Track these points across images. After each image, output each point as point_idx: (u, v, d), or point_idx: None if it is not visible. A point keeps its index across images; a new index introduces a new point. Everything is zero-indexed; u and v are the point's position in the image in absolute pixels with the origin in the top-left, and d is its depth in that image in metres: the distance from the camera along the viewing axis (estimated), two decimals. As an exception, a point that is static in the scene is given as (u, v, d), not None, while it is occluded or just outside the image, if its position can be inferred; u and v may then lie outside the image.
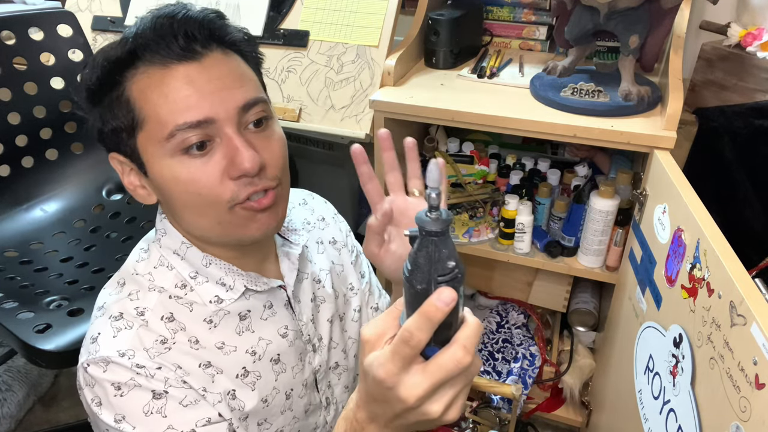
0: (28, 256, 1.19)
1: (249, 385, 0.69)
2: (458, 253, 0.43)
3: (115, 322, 0.63)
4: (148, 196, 0.65)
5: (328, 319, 0.81)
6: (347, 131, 1.26)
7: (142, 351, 0.62)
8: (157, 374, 0.62)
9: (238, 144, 0.59)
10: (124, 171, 0.65)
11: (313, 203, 0.88)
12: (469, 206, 1.35)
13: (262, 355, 0.71)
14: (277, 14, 1.37)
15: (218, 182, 0.59)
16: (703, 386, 0.71)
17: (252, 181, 0.60)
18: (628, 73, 1.08)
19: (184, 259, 0.67)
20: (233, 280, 0.68)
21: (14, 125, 1.26)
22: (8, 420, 1.50)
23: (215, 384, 0.67)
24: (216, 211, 0.61)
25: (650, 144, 1.00)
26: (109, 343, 0.62)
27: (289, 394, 0.74)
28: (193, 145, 0.58)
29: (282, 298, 0.73)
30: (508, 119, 1.08)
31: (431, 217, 0.40)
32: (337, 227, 0.88)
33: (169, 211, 0.66)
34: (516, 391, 1.08)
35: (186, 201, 0.61)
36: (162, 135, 0.58)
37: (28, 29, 1.27)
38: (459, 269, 0.42)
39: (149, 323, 0.64)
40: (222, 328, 0.68)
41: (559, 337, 1.55)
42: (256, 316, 0.71)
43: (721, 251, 0.70)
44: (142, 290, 0.66)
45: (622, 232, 1.16)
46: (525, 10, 1.38)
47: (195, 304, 0.67)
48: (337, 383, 0.83)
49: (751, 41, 1.18)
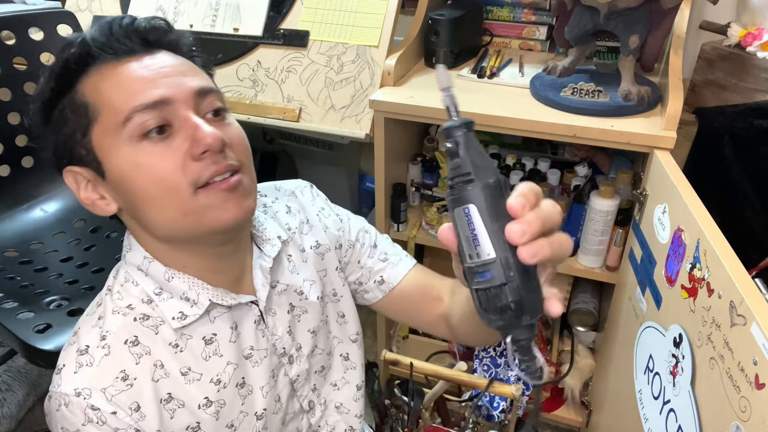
0: (28, 256, 1.19)
1: (213, 415, 0.67)
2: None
3: (80, 356, 0.62)
4: (107, 206, 0.63)
5: (310, 330, 0.77)
6: (347, 131, 1.26)
7: (99, 392, 0.60)
8: (109, 421, 0.60)
9: (197, 122, 0.58)
10: (80, 185, 0.63)
11: (300, 202, 0.81)
12: (469, 206, 1.35)
13: (227, 382, 0.68)
14: (277, 14, 1.37)
15: (181, 165, 0.57)
16: (703, 386, 0.71)
17: (216, 159, 0.58)
18: (628, 73, 1.08)
19: (148, 275, 0.65)
20: (197, 294, 0.65)
21: (14, 125, 1.26)
22: (8, 420, 1.50)
23: (174, 420, 0.65)
24: (180, 200, 0.58)
25: (650, 144, 1.00)
26: (70, 379, 0.61)
27: (260, 415, 0.72)
28: (152, 129, 0.57)
29: (252, 315, 0.70)
30: (508, 119, 1.08)
31: (458, 115, 0.44)
32: (323, 226, 0.81)
33: (133, 215, 0.63)
34: (516, 391, 1.08)
35: (148, 192, 0.58)
36: (118, 120, 0.57)
37: (28, 29, 1.27)
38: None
39: (112, 350, 0.62)
40: (188, 353, 0.66)
41: (559, 337, 1.55)
42: (223, 340, 0.68)
43: (721, 251, 0.70)
44: (107, 313, 0.64)
45: (622, 232, 1.16)
46: (525, 10, 1.38)
47: (160, 326, 0.65)
48: (324, 383, 0.81)
49: (751, 41, 1.18)
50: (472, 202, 0.42)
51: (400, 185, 1.35)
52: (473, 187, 0.42)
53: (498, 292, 0.42)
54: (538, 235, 0.43)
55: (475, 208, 0.42)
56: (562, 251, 0.45)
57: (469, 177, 0.42)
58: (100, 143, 0.59)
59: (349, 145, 1.40)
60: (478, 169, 0.42)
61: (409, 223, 1.40)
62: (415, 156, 1.45)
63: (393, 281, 0.83)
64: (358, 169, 1.72)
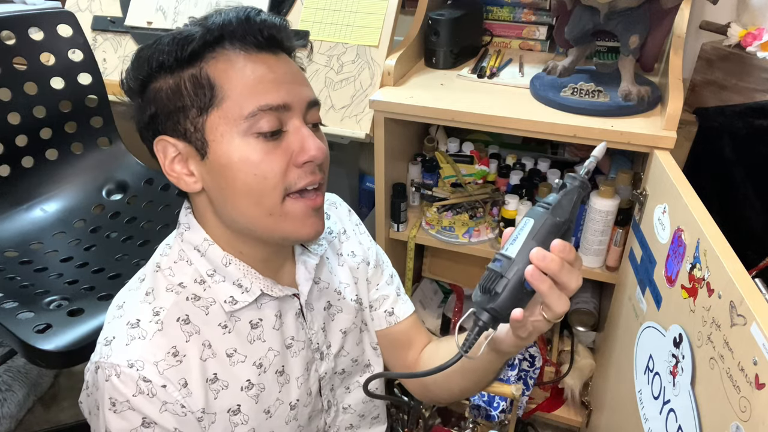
0: (28, 256, 1.19)
1: (253, 398, 0.70)
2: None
3: (131, 329, 0.63)
4: (194, 183, 0.64)
5: (342, 330, 0.80)
6: (347, 131, 1.26)
7: (152, 365, 0.62)
8: (159, 394, 0.61)
9: (306, 133, 0.62)
10: (168, 156, 0.63)
11: (338, 213, 0.87)
12: (469, 206, 1.35)
13: (268, 367, 0.71)
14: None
15: (284, 168, 0.61)
16: (703, 386, 0.71)
17: (313, 170, 0.63)
18: (628, 73, 1.08)
19: (204, 256, 0.67)
20: (250, 283, 0.68)
21: (14, 125, 1.25)
22: (8, 420, 1.50)
23: (218, 401, 0.67)
24: (272, 200, 0.62)
25: (650, 144, 1.00)
26: (122, 350, 0.62)
27: (294, 405, 0.74)
28: (267, 132, 0.60)
29: (294, 307, 0.73)
30: (508, 119, 1.08)
31: (582, 177, 0.58)
32: (357, 240, 0.86)
33: (214, 199, 0.64)
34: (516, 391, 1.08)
35: (247, 184, 0.61)
36: (241, 114, 0.59)
37: (28, 29, 1.27)
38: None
39: (165, 326, 0.64)
40: (235, 334, 0.68)
41: (560, 337, 1.55)
42: (268, 326, 0.71)
43: (721, 251, 0.70)
44: (159, 290, 0.66)
45: (622, 232, 1.16)
46: (525, 10, 1.38)
47: (211, 307, 0.67)
48: (339, 385, 0.84)
49: (751, 41, 1.18)
50: (534, 219, 0.56)
51: (400, 185, 1.35)
52: (544, 213, 0.56)
53: (494, 277, 0.56)
54: (549, 272, 0.54)
55: (532, 223, 0.56)
56: (553, 301, 0.55)
57: (549, 207, 0.56)
58: (215, 127, 0.61)
59: (349, 145, 1.39)
60: (559, 209, 0.56)
61: (409, 223, 1.40)
62: (415, 156, 1.45)
63: (401, 316, 0.87)
64: (358, 169, 1.72)
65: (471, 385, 0.79)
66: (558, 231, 0.56)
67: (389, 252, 0.97)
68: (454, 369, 0.61)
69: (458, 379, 0.78)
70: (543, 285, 0.54)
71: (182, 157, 0.63)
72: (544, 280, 0.54)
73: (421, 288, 1.66)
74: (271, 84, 0.61)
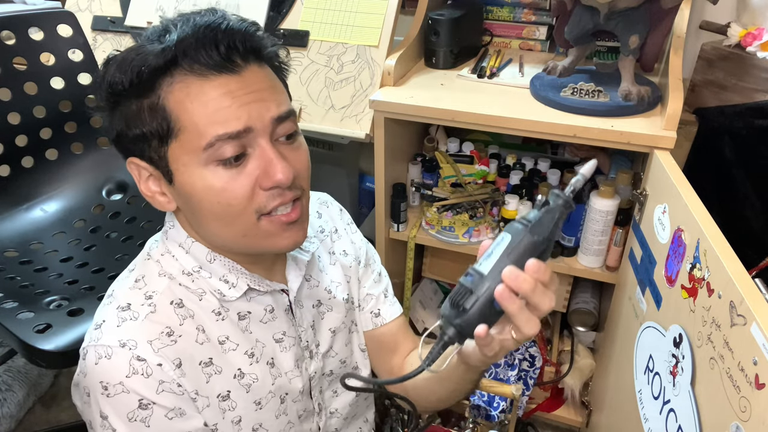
0: (28, 256, 1.19)
1: (244, 387, 0.69)
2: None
3: (122, 312, 0.63)
4: (168, 203, 0.64)
5: (331, 329, 0.80)
6: (347, 131, 1.26)
7: (146, 343, 0.61)
8: (155, 373, 0.61)
9: (272, 155, 0.60)
10: (142, 177, 0.63)
11: (330, 212, 0.86)
12: (469, 206, 1.35)
13: (259, 357, 0.71)
14: (277, 14, 1.37)
15: (250, 193, 0.60)
16: (703, 386, 0.71)
17: (282, 192, 0.61)
18: (628, 73, 1.08)
19: (189, 253, 0.67)
20: (236, 278, 0.68)
21: (14, 125, 1.25)
22: (8, 420, 1.50)
23: (209, 385, 0.66)
24: (243, 223, 0.61)
25: (650, 144, 1.00)
26: (112, 331, 0.61)
27: (283, 398, 0.74)
28: (230, 158, 0.58)
29: (284, 303, 0.73)
30: (508, 119, 1.08)
31: (566, 196, 0.54)
32: (350, 239, 0.86)
33: (190, 219, 0.65)
34: (516, 391, 1.08)
35: (214, 211, 0.60)
36: (199, 145, 0.58)
37: (28, 29, 1.27)
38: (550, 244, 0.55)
39: (158, 308, 0.64)
40: (229, 322, 0.68)
41: (560, 337, 1.55)
42: (255, 319, 0.71)
43: (721, 251, 0.70)
44: (151, 276, 0.66)
45: (622, 232, 1.16)
46: (525, 10, 1.38)
47: (204, 295, 0.67)
48: (327, 388, 0.83)
49: (751, 41, 1.18)
50: (511, 235, 0.54)
51: (400, 185, 1.35)
52: (523, 230, 0.53)
53: (463, 293, 0.54)
54: (520, 292, 0.52)
55: (509, 239, 0.54)
56: (521, 322, 0.53)
57: (529, 224, 0.53)
58: (177, 158, 0.60)
59: (349, 145, 1.39)
60: (539, 227, 0.53)
61: (409, 223, 1.40)
62: (415, 156, 1.45)
63: (386, 318, 0.86)
64: (358, 169, 1.72)
65: (447, 394, 0.77)
66: (535, 250, 0.53)
67: (389, 252, 0.97)
68: (429, 377, 0.60)
69: (435, 386, 0.77)
70: (512, 306, 0.52)
71: (155, 178, 0.63)
72: (513, 301, 0.52)
73: (421, 288, 1.66)
74: (229, 110, 0.57)
